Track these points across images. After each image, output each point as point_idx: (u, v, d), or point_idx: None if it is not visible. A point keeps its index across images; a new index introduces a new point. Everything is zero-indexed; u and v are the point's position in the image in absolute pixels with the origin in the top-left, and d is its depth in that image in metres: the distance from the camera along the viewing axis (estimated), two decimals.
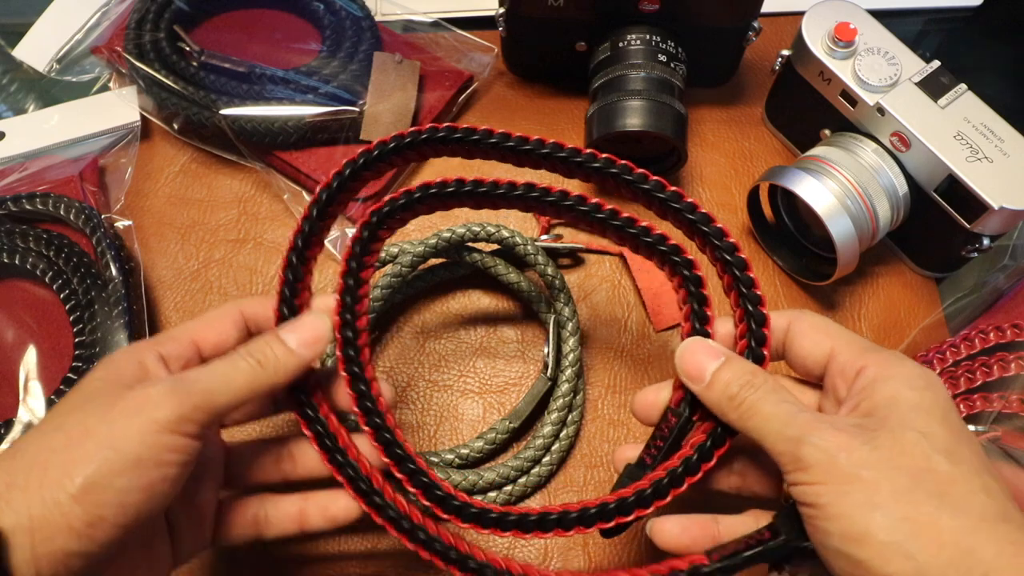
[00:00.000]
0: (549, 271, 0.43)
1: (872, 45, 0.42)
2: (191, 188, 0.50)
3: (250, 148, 0.48)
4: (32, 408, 0.39)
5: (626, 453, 0.32)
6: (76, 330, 0.42)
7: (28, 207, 0.45)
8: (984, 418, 0.38)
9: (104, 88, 0.51)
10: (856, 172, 0.41)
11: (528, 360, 0.45)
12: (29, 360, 0.41)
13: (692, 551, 0.29)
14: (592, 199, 0.32)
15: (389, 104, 0.48)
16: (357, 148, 0.33)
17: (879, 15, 0.43)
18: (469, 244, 0.44)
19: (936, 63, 0.41)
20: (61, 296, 0.42)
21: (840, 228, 0.40)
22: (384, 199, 0.33)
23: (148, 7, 0.49)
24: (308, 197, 0.46)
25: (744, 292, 0.30)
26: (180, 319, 0.45)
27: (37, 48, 0.53)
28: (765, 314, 0.30)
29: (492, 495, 0.40)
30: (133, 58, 0.48)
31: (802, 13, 0.44)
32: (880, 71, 0.42)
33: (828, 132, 0.46)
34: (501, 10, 0.47)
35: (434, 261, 0.45)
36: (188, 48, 0.48)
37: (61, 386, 0.40)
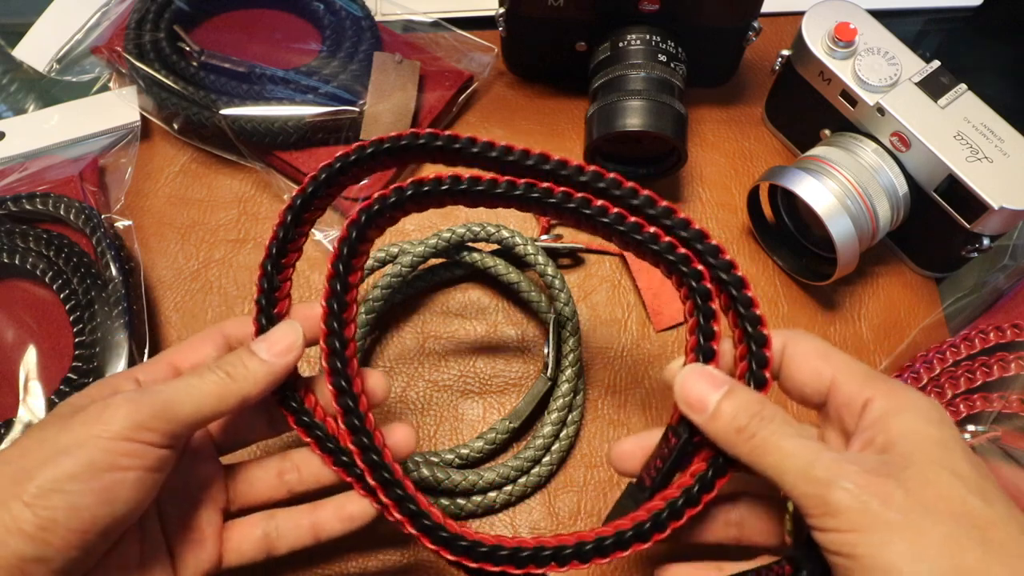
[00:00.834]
0: (549, 271, 0.43)
1: (872, 45, 0.42)
2: (191, 188, 0.50)
3: (250, 148, 0.48)
4: (32, 408, 0.39)
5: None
6: (76, 330, 0.42)
7: (28, 207, 0.45)
8: (984, 418, 0.38)
9: (104, 88, 0.51)
10: (856, 172, 0.41)
11: (528, 360, 0.45)
12: (29, 360, 0.41)
13: None
14: (597, 202, 0.30)
15: (389, 104, 0.48)
16: None
17: (879, 15, 0.43)
18: (469, 244, 0.44)
19: (936, 63, 0.41)
20: (61, 296, 0.42)
21: (840, 228, 0.40)
22: (373, 196, 0.31)
23: (148, 7, 0.49)
24: None
25: (743, 312, 0.29)
26: (180, 319, 0.45)
27: (37, 48, 0.53)
28: (766, 335, 0.28)
29: (492, 495, 0.40)
30: (133, 58, 0.48)
31: (802, 13, 0.44)
32: (880, 71, 0.42)
33: (828, 132, 0.46)
34: (501, 10, 0.47)
35: (434, 261, 0.45)
36: (188, 48, 0.48)
37: (61, 386, 0.40)
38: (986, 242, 0.41)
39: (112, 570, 0.27)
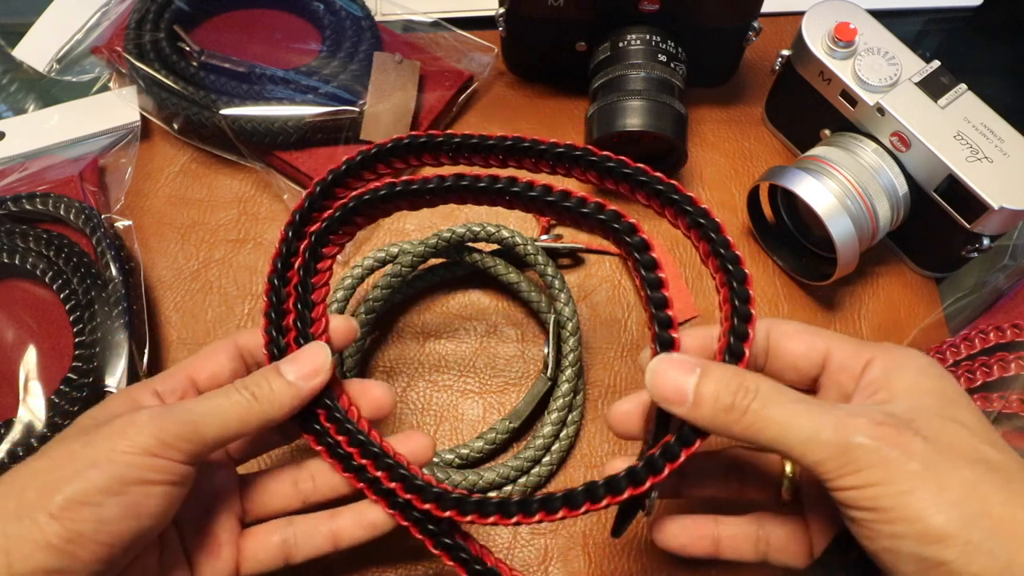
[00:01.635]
0: (549, 271, 0.43)
1: (872, 45, 0.42)
2: (191, 188, 0.50)
3: (250, 148, 0.48)
4: (32, 408, 0.39)
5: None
6: (76, 330, 0.42)
7: (28, 207, 0.45)
8: None
9: (104, 88, 0.52)
10: (856, 172, 0.41)
11: (528, 360, 0.45)
12: (29, 360, 0.41)
13: (692, 551, 0.29)
14: (592, 199, 0.30)
15: (389, 104, 0.48)
16: (357, 148, 0.33)
17: (879, 15, 0.43)
18: (469, 244, 0.44)
19: (936, 63, 0.41)
20: (61, 296, 0.42)
21: (840, 228, 0.40)
22: (362, 189, 0.32)
23: (148, 7, 0.49)
24: None
25: (729, 268, 0.28)
26: (180, 319, 0.45)
27: (37, 48, 0.53)
28: (751, 312, 0.27)
29: (492, 495, 0.40)
30: (133, 58, 0.48)
31: (802, 13, 0.44)
32: (880, 71, 0.42)
33: (828, 132, 0.46)
34: (501, 10, 0.47)
35: (434, 261, 0.45)
36: (188, 48, 0.48)
37: (61, 386, 0.40)
38: (986, 242, 0.41)
39: None
